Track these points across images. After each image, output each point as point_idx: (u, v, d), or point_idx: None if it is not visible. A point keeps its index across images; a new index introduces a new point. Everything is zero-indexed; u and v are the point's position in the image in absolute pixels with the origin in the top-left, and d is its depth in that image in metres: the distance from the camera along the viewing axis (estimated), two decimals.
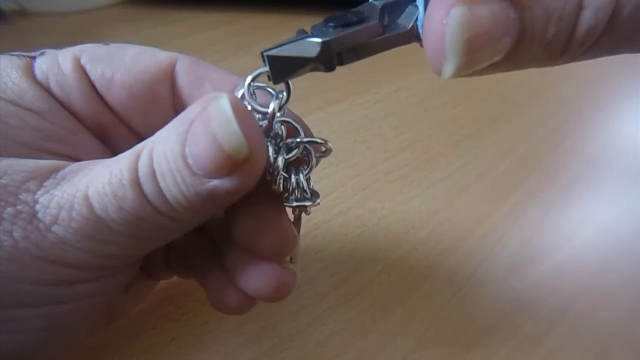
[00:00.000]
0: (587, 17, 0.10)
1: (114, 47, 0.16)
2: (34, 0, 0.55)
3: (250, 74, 0.14)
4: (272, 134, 0.14)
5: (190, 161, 0.12)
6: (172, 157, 0.12)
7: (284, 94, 0.14)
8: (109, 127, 0.16)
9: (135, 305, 0.20)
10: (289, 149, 0.15)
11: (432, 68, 0.11)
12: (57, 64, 0.15)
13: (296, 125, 0.15)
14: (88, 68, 0.15)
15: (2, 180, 0.12)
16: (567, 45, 0.10)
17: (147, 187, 0.12)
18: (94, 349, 0.19)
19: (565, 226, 0.17)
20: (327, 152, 0.15)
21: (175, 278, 0.21)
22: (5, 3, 0.53)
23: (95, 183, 0.12)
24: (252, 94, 0.14)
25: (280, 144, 0.15)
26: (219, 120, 0.12)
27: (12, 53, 0.15)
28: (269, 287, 0.16)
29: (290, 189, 0.15)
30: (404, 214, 0.27)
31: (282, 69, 0.13)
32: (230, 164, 0.12)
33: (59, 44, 0.16)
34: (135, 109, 0.16)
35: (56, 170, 0.13)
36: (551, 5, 0.10)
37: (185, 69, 0.16)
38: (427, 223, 0.27)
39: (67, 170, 0.13)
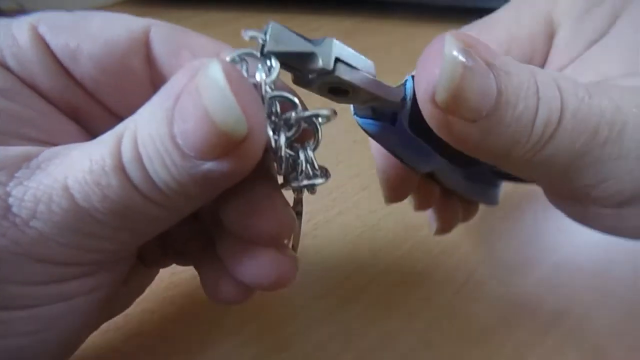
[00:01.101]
0: (543, 107, 0.11)
1: (78, 14, 0.14)
2: (34, 0, 0.55)
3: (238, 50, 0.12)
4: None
5: (179, 141, 0.10)
6: (159, 137, 0.11)
7: (273, 63, 0.12)
8: (82, 107, 0.15)
9: (135, 297, 0.19)
10: (289, 126, 0.13)
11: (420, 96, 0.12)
12: (11, 35, 0.13)
13: (292, 98, 0.13)
14: (48, 38, 0.13)
15: None
16: (532, 128, 0.11)
17: (133, 173, 0.11)
18: (94, 349, 0.19)
19: (566, 226, 0.17)
20: (331, 118, 0.13)
21: (175, 278, 0.21)
22: (5, 3, 0.53)
23: (75, 172, 0.11)
24: (242, 62, 0.12)
25: (277, 121, 0.13)
26: (210, 92, 0.10)
27: None
28: (267, 275, 0.14)
29: (300, 168, 0.13)
30: (404, 214, 0.27)
31: (280, 44, 0.12)
32: (227, 143, 0.10)
33: None
34: (107, 84, 0.14)
35: (28, 158, 0.11)
36: (521, 82, 0.11)
37: (161, 36, 0.15)
38: (427, 223, 0.26)
39: (40, 158, 0.12)
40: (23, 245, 0.11)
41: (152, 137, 0.11)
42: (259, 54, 0.12)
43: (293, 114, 0.13)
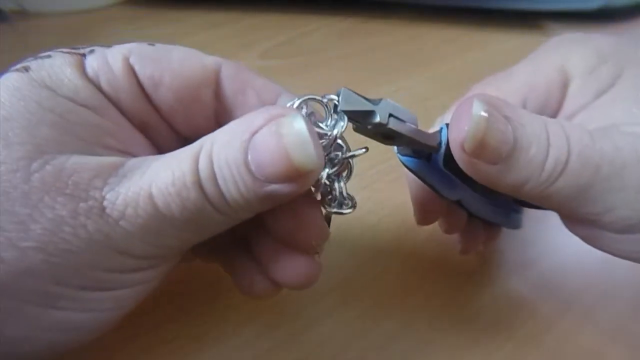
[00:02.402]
0: (553, 151, 0.14)
1: (161, 48, 0.17)
2: (34, 0, 0.55)
3: (307, 95, 0.16)
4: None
5: (252, 167, 0.13)
6: (235, 163, 0.13)
7: (343, 118, 0.15)
8: (153, 126, 0.17)
9: (153, 290, 0.20)
10: (332, 162, 0.16)
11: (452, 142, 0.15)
12: (107, 63, 0.16)
13: (342, 144, 0.16)
14: (137, 68, 0.16)
15: (73, 178, 0.13)
16: (543, 167, 0.14)
17: (209, 189, 0.13)
18: (94, 349, 0.19)
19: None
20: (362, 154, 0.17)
21: (174, 278, 0.21)
22: (5, 3, 0.53)
23: (158, 182, 0.13)
24: (307, 111, 0.16)
25: (326, 158, 0.16)
26: (294, 140, 0.13)
27: (63, 50, 0.16)
28: (300, 277, 0.17)
29: (333, 196, 0.17)
30: (404, 214, 0.27)
31: (348, 104, 0.15)
32: (295, 175, 0.13)
33: (59, 44, 0.16)
34: (179, 110, 0.17)
35: (116, 167, 0.14)
36: (534, 132, 0.14)
37: (230, 75, 0.17)
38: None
39: (126, 167, 0.14)
40: (112, 240, 0.13)
41: (227, 161, 0.13)
42: (319, 98, 0.16)
43: (339, 154, 0.16)
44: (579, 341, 0.21)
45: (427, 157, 0.18)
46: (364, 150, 0.17)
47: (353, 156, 0.16)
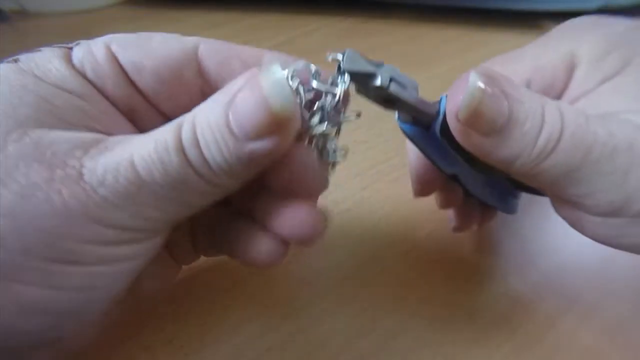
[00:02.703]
0: (546, 128, 0.14)
1: (141, 35, 0.17)
2: (34, 0, 0.55)
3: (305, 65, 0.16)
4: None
5: (234, 127, 0.13)
6: (216, 125, 0.13)
7: (346, 77, 0.16)
8: (139, 110, 0.17)
9: (157, 290, 0.20)
10: (329, 119, 0.16)
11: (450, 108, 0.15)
12: (91, 52, 0.16)
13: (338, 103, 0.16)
14: (119, 55, 0.16)
15: (52, 148, 0.13)
16: (535, 143, 0.14)
17: (191, 153, 0.13)
18: (94, 349, 0.19)
19: (566, 226, 0.17)
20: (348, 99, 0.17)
21: (176, 280, 0.21)
22: (5, 3, 0.53)
23: (141, 151, 0.13)
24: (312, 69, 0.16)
25: (324, 114, 0.16)
26: (272, 87, 0.13)
27: (53, 46, 0.16)
28: (306, 226, 0.16)
29: (326, 150, 0.17)
30: (404, 214, 0.27)
31: (352, 65, 0.16)
32: (274, 124, 0.13)
33: (60, 45, 0.16)
34: (163, 92, 0.17)
35: (98, 142, 0.14)
36: (530, 108, 0.14)
37: (210, 49, 0.17)
38: (427, 223, 0.27)
39: (108, 142, 0.14)
40: (88, 208, 0.13)
41: (209, 124, 0.13)
42: (312, 67, 0.16)
43: (339, 115, 0.16)
44: (579, 341, 0.21)
45: (427, 127, 0.18)
46: (357, 116, 0.17)
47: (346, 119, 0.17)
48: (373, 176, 0.30)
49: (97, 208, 0.13)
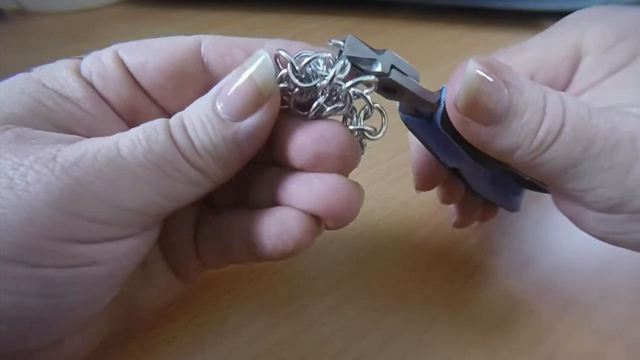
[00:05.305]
0: (547, 120, 0.14)
1: (146, 40, 0.18)
2: (34, 0, 0.55)
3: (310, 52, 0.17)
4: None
5: (218, 108, 0.14)
6: (202, 110, 0.14)
7: (346, 63, 0.16)
8: (142, 111, 0.17)
9: (158, 305, 0.19)
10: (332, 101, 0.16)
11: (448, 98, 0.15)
12: (99, 59, 0.16)
13: (351, 92, 0.16)
14: (125, 58, 0.17)
15: (32, 141, 0.13)
16: (535, 135, 0.14)
17: (177, 134, 0.14)
18: (93, 351, 0.19)
19: (566, 226, 0.17)
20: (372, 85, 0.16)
21: None
22: (5, 3, 0.53)
23: (127, 135, 0.14)
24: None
25: (327, 96, 0.16)
26: (257, 65, 0.14)
27: (72, 58, 0.17)
28: (338, 192, 0.16)
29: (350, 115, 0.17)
30: (404, 214, 0.27)
31: (353, 51, 0.16)
32: (258, 99, 0.14)
33: (59, 44, 0.17)
34: (167, 88, 0.17)
35: (81, 140, 0.14)
36: (531, 98, 0.14)
37: (212, 42, 0.17)
38: (427, 223, 0.27)
39: (91, 138, 0.14)
40: (54, 193, 0.12)
41: (197, 112, 0.14)
42: (312, 54, 0.16)
43: (343, 101, 0.16)
44: (579, 341, 0.21)
45: (428, 118, 0.18)
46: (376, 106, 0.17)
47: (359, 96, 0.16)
48: (373, 176, 0.30)
49: (66, 194, 0.12)
